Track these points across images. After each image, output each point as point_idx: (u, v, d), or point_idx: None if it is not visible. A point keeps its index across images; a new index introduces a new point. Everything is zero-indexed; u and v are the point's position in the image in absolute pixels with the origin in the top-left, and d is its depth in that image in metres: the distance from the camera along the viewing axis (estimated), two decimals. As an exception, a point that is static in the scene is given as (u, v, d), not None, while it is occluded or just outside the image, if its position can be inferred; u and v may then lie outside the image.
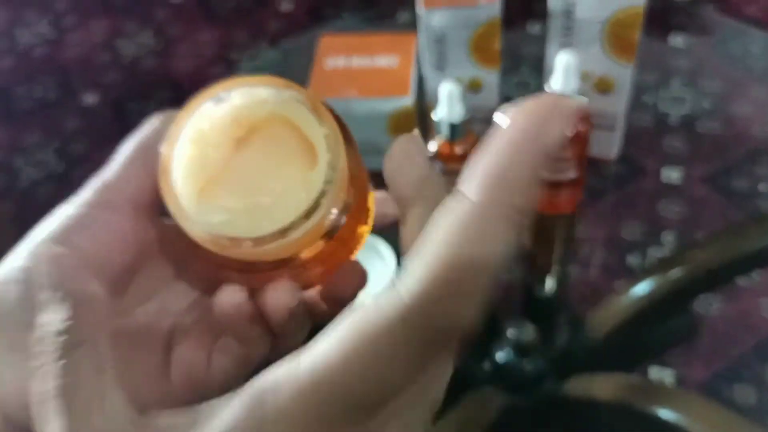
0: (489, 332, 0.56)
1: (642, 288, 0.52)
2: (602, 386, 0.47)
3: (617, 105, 0.58)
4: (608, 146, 0.62)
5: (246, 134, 0.20)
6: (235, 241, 0.19)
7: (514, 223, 0.16)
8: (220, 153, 0.20)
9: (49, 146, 1.53)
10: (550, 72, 0.49)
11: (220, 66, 1.64)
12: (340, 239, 0.21)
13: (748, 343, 0.55)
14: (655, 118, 0.69)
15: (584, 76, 0.56)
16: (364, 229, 0.22)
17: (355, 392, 0.15)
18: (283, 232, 0.19)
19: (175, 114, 0.18)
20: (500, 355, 0.48)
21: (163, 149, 0.20)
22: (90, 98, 1.62)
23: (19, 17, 1.87)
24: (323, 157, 0.20)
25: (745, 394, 0.52)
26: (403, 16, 0.86)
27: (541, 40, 0.80)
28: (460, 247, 0.15)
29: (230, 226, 0.19)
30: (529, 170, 0.16)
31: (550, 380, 0.49)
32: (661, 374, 0.53)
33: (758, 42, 0.77)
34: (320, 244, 0.20)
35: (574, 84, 0.48)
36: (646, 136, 0.68)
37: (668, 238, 0.60)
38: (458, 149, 0.52)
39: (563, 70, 0.47)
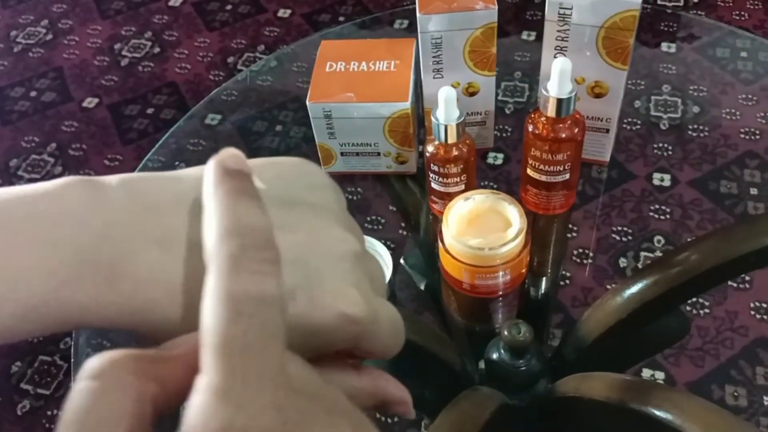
0: (484, 333, 0.57)
1: (634, 290, 0.53)
2: (595, 386, 0.48)
3: (611, 109, 0.59)
4: (602, 149, 0.63)
5: (475, 216, 0.49)
6: (480, 249, 0.47)
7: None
8: (465, 222, 0.49)
9: (46, 149, 1.53)
10: (546, 77, 0.50)
11: (218, 70, 1.64)
12: (521, 259, 0.51)
13: (738, 344, 0.56)
14: (646, 123, 0.71)
15: (579, 81, 0.57)
16: (527, 251, 0.52)
17: None
18: (503, 245, 0.48)
19: None
20: (495, 355, 0.48)
21: (444, 217, 0.49)
22: (87, 101, 1.62)
23: (16, 19, 1.87)
24: (516, 222, 0.49)
25: (735, 395, 0.53)
26: (400, 23, 0.87)
27: (534, 47, 0.81)
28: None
29: (478, 243, 0.47)
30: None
31: (544, 380, 0.50)
32: (651, 375, 0.54)
33: (745, 47, 0.78)
34: (514, 256, 0.50)
35: (568, 88, 0.49)
36: (637, 141, 0.69)
37: (659, 241, 0.61)
38: (454, 152, 0.53)
39: (558, 75, 0.48)
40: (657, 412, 0.44)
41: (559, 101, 0.49)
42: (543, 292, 0.60)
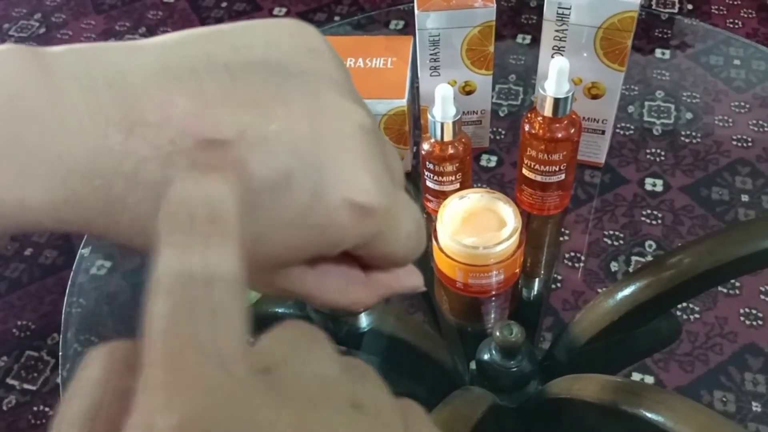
0: (476, 333, 0.57)
1: (626, 292, 0.53)
2: (587, 387, 0.48)
3: (608, 110, 0.59)
4: (598, 151, 0.63)
5: (469, 215, 0.50)
6: (474, 248, 0.47)
7: None
8: (459, 221, 0.49)
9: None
10: (543, 77, 0.50)
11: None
12: (515, 259, 0.50)
13: (727, 350, 0.56)
14: (639, 128, 0.71)
15: (576, 81, 0.58)
16: (521, 251, 0.51)
17: None
18: (497, 245, 0.48)
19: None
20: (486, 356, 0.48)
21: (438, 215, 0.49)
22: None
23: (9, 12, 1.85)
24: (510, 222, 0.49)
25: (724, 401, 0.53)
26: (396, 24, 0.87)
27: (529, 50, 0.81)
28: None
29: (473, 242, 0.48)
30: None
31: (535, 381, 0.49)
32: (641, 380, 0.54)
33: (739, 55, 0.79)
34: (507, 256, 0.49)
35: (566, 88, 0.49)
36: (630, 146, 0.69)
37: (651, 246, 0.61)
38: (450, 150, 0.53)
39: (556, 74, 0.48)
40: (649, 414, 0.44)
41: (556, 101, 0.49)
42: (535, 293, 0.60)
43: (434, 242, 0.50)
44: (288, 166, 0.17)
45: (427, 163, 0.54)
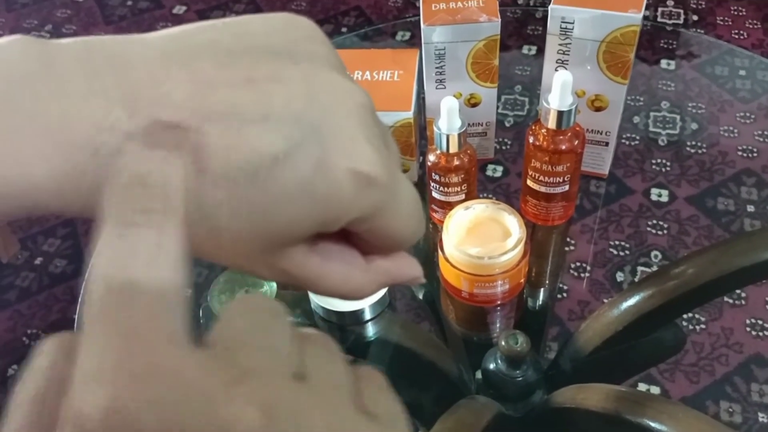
0: (481, 343, 0.57)
1: (631, 302, 0.53)
2: (592, 396, 0.48)
3: (611, 122, 0.60)
4: (602, 162, 0.63)
5: (475, 225, 0.51)
6: (479, 258, 0.48)
7: None
8: (465, 231, 0.50)
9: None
10: (547, 89, 0.51)
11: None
12: (520, 269, 0.51)
13: (733, 361, 0.56)
14: (644, 139, 0.71)
15: (580, 94, 0.58)
16: (525, 261, 0.51)
17: None
18: (502, 255, 0.48)
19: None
20: (492, 365, 0.48)
21: (444, 226, 0.50)
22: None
23: (20, 23, 1.87)
24: (515, 232, 0.50)
25: (730, 411, 0.53)
26: (402, 35, 0.88)
27: (534, 61, 0.82)
28: None
29: (478, 252, 0.48)
30: None
31: (541, 391, 0.50)
32: (647, 390, 0.54)
33: (744, 66, 0.79)
34: (512, 265, 0.50)
35: (569, 101, 0.50)
36: (635, 156, 0.70)
37: (656, 256, 0.61)
38: (455, 161, 0.54)
39: (560, 87, 0.49)
40: (653, 424, 0.44)
41: (560, 113, 0.50)
42: (541, 303, 0.60)
43: (440, 252, 0.51)
44: (289, 138, 0.17)
45: (433, 174, 0.55)
